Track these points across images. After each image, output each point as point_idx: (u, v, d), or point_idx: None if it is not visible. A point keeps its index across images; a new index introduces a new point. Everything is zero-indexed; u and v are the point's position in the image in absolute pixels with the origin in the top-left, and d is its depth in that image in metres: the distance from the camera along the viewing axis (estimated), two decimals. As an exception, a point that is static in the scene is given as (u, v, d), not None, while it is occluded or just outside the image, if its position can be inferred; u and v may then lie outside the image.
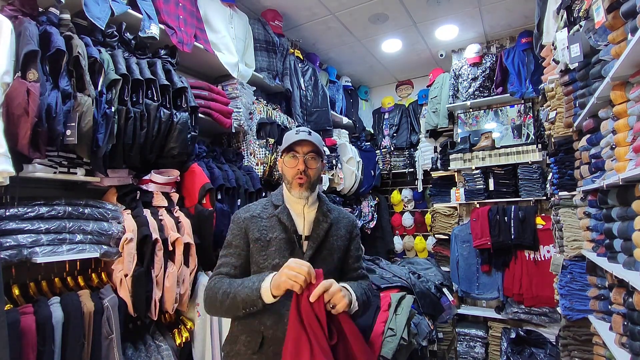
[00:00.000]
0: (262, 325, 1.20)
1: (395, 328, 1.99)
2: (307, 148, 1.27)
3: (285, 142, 1.29)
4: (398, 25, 3.40)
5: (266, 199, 1.39)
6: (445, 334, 3.59)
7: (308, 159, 1.28)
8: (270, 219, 1.29)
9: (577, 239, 2.31)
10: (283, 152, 1.31)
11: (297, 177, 1.26)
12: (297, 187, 1.27)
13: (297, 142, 1.26)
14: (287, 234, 1.27)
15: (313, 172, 1.29)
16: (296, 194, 1.28)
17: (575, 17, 1.99)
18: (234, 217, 1.33)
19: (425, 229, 4.34)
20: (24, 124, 1.33)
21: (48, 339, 1.35)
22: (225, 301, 1.15)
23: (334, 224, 1.35)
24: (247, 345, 1.21)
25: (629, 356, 1.49)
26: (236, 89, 2.51)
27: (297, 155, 1.27)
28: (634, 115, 1.39)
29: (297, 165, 1.26)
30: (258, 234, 1.26)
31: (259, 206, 1.34)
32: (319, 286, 1.06)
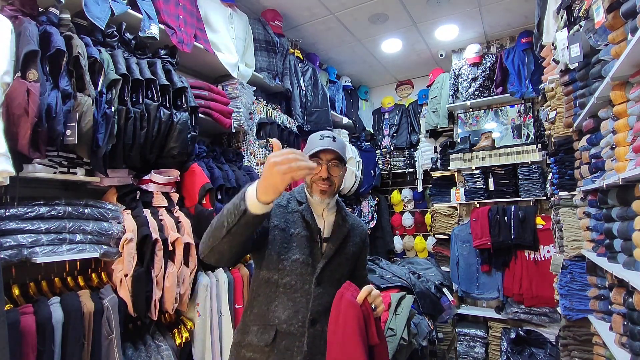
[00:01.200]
0: (276, 318, 1.19)
1: (395, 328, 1.99)
2: (330, 155, 1.24)
3: (309, 147, 1.25)
4: (398, 25, 3.40)
5: (288, 193, 1.35)
6: (445, 334, 3.59)
7: (331, 166, 1.24)
8: (293, 213, 1.27)
9: (577, 239, 2.31)
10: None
11: (320, 184, 1.24)
12: (319, 194, 1.24)
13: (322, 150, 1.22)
14: (308, 232, 1.25)
15: (336, 179, 1.27)
16: (317, 199, 1.25)
17: (575, 17, 1.99)
18: None
19: (425, 229, 4.34)
20: (24, 124, 1.33)
21: (48, 339, 1.35)
22: (213, 223, 1.07)
23: (351, 230, 1.34)
24: (259, 337, 1.19)
25: (629, 356, 1.49)
26: (236, 89, 2.51)
27: (321, 162, 1.23)
28: (634, 115, 1.39)
29: (320, 172, 1.23)
30: (284, 224, 1.23)
31: (283, 198, 1.30)
32: (363, 290, 1.12)
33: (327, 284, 1.23)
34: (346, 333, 1.06)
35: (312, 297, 1.21)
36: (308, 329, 1.18)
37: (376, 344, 1.11)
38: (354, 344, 1.04)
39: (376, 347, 1.12)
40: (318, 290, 1.22)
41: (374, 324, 1.12)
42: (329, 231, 1.29)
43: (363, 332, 1.07)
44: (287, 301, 1.19)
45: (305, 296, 1.20)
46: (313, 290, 1.21)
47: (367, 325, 1.10)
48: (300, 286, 1.20)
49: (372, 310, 1.13)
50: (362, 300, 1.10)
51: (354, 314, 1.08)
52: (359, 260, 1.39)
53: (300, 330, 1.18)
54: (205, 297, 1.93)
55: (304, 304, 1.20)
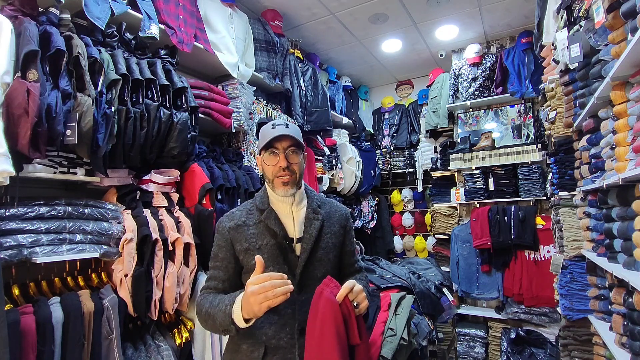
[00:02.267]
0: (263, 335, 1.15)
1: (395, 328, 1.99)
2: (286, 142, 1.18)
3: (263, 138, 1.20)
4: (398, 25, 3.40)
5: (250, 201, 1.29)
6: (445, 334, 3.59)
7: (289, 154, 1.19)
8: (257, 225, 1.21)
9: (577, 239, 2.31)
10: (261, 150, 1.20)
11: (281, 175, 1.18)
12: (281, 186, 1.18)
13: (276, 138, 1.17)
14: (277, 240, 1.18)
15: (297, 167, 1.20)
16: (281, 192, 1.19)
17: (575, 17, 1.99)
18: (218, 227, 1.24)
19: (425, 229, 4.34)
20: (24, 124, 1.33)
21: (48, 339, 1.35)
22: (207, 321, 1.13)
23: (326, 220, 1.26)
24: (249, 356, 1.15)
25: (629, 356, 1.49)
26: (236, 89, 2.51)
27: (277, 151, 1.18)
28: (634, 115, 1.39)
29: (279, 162, 1.17)
30: (246, 244, 1.18)
31: (243, 212, 1.25)
32: (343, 287, 1.06)
33: (311, 287, 1.14)
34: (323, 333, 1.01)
35: (298, 306, 1.16)
36: (297, 339, 1.14)
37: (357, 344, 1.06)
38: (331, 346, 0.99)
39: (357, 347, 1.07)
40: (302, 297, 1.16)
41: (355, 323, 1.06)
42: (301, 229, 1.21)
43: (342, 332, 1.02)
44: (272, 315, 1.14)
45: (290, 306, 1.15)
46: (297, 299, 1.15)
47: (347, 325, 1.04)
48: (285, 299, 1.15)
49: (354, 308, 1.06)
50: (342, 298, 1.04)
51: (332, 313, 1.02)
52: (342, 250, 1.31)
53: (289, 342, 1.14)
54: (205, 297, 1.93)
55: (290, 315, 1.16)
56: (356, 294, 1.07)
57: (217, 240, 1.24)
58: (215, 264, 1.23)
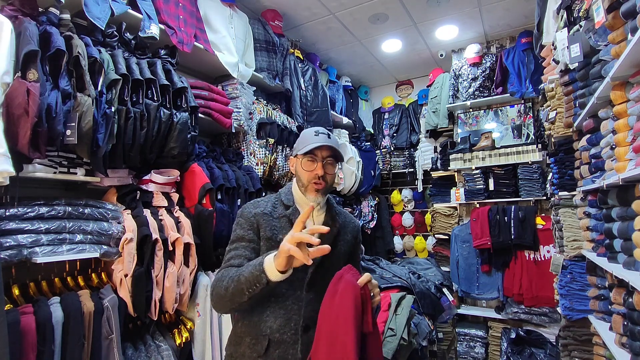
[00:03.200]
0: (268, 328, 1.16)
1: (395, 328, 1.99)
2: (326, 152, 1.22)
3: (304, 143, 1.23)
4: (398, 25, 3.40)
5: (274, 196, 1.33)
6: (445, 334, 3.59)
7: (327, 164, 1.22)
8: (280, 219, 1.24)
9: (577, 239, 2.31)
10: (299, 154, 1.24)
11: (315, 182, 1.21)
12: (314, 192, 1.22)
13: (318, 147, 1.20)
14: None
15: (330, 177, 1.25)
16: (311, 198, 1.23)
17: (575, 17, 1.99)
18: (244, 212, 1.26)
19: (425, 229, 4.34)
20: (24, 124, 1.33)
21: (48, 339, 1.35)
22: (230, 286, 1.07)
23: (341, 229, 1.32)
24: (252, 348, 1.17)
25: (629, 356, 1.49)
26: (236, 89, 2.51)
27: (316, 159, 1.21)
28: (634, 115, 1.39)
29: (316, 169, 1.21)
30: (270, 232, 1.21)
31: (268, 204, 1.28)
32: (365, 275, 1.10)
33: (319, 288, 1.18)
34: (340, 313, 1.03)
35: (304, 303, 1.19)
36: (301, 336, 1.17)
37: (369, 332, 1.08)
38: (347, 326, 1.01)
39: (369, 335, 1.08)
40: (310, 295, 1.20)
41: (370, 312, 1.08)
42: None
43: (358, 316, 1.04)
44: (278, 310, 1.17)
45: (297, 303, 1.18)
46: (305, 297, 1.19)
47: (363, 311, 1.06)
48: (292, 293, 1.19)
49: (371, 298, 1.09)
50: (363, 283, 1.07)
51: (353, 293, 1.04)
52: (352, 258, 1.36)
53: (293, 337, 1.16)
54: (205, 297, 1.93)
55: (296, 311, 1.18)
56: (374, 286, 1.12)
57: (241, 225, 1.24)
58: (241, 244, 1.21)
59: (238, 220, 1.26)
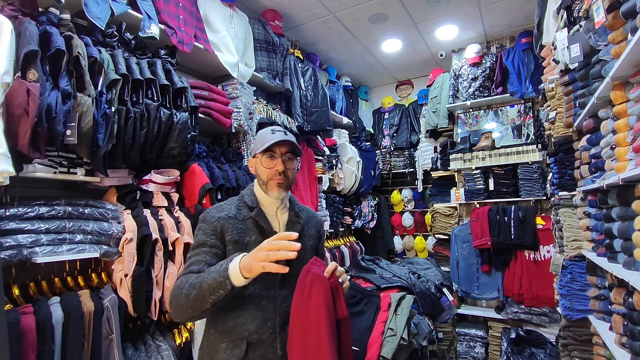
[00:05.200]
0: (245, 331, 1.16)
1: (395, 328, 1.99)
2: (284, 148, 1.25)
3: (261, 142, 1.25)
4: (398, 25, 3.40)
5: (236, 198, 1.33)
6: (445, 334, 3.59)
7: (286, 160, 1.25)
8: (245, 221, 1.25)
9: (577, 239, 2.31)
10: (257, 152, 1.26)
11: (276, 178, 1.24)
12: (276, 188, 1.24)
13: (276, 143, 1.23)
14: (263, 237, 1.19)
15: (291, 172, 1.27)
16: (274, 195, 1.25)
17: (575, 17, 1.99)
18: (207, 216, 1.24)
19: (425, 229, 4.34)
20: (24, 124, 1.33)
21: (48, 339, 1.35)
22: (191, 294, 1.05)
23: (305, 224, 1.35)
24: (229, 354, 1.16)
25: (629, 356, 1.49)
26: (236, 89, 2.51)
27: (275, 155, 1.24)
28: (634, 115, 1.39)
29: (276, 165, 1.23)
30: (237, 236, 1.21)
31: (232, 206, 1.27)
32: (330, 264, 1.14)
33: (291, 284, 1.20)
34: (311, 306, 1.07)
35: (279, 301, 1.21)
36: (279, 333, 1.18)
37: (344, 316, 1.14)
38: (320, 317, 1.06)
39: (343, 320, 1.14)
40: (283, 292, 1.21)
41: (342, 297, 1.14)
42: (282, 230, 1.29)
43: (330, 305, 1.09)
44: (254, 311, 1.18)
45: (272, 301, 1.20)
46: (279, 294, 1.21)
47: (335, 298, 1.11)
48: (266, 293, 1.20)
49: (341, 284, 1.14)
50: (329, 273, 1.12)
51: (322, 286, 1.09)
52: (317, 252, 1.40)
53: (272, 336, 1.18)
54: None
55: (272, 309, 1.20)
56: (341, 273, 1.16)
57: (203, 230, 1.22)
58: (202, 249, 1.19)
59: (200, 226, 1.24)
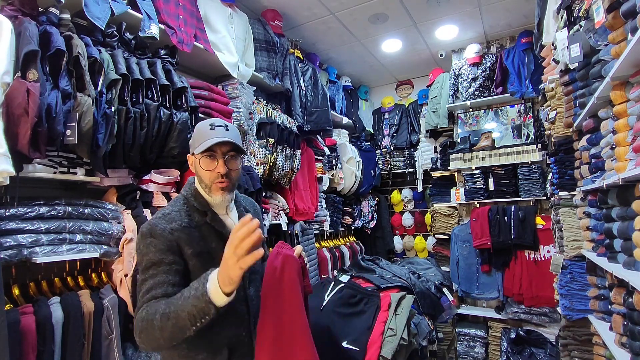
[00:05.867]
0: (225, 338, 1.12)
1: (395, 328, 1.99)
2: (226, 147, 1.11)
3: (199, 138, 1.11)
4: (398, 25, 3.40)
5: (179, 202, 1.17)
6: (445, 334, 3.59)
7: (228, 160, 1.12)
8: (200, 228, 1.13)
9: (577, 239, 2.31)
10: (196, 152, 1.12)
11: (218, 182, 1.12)
12: (219, 192, 1.13)
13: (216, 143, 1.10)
14: (223, 241, 1.03)
15: (235, 173, 1.16)
16: (218, 199, 1.14)
17: (575, 17, 1.99)
18: (154, 230, 1.06)
19: (425, 229, 4.34)
20: (24, 124, 1.33)
21: (48, 339, 1.35)
22: (166, 326, 0.93)
23: (249, 212, 1.29)
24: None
25: (629, 356, 1.49)
26: (236, 89, 2.51)
27: (216, 155, 1.11)
28: (634, 115, 1.39)
29: (217, 168, 1.11)
30: (198, 247, 1.10)
31: (181, 214, 1.13)
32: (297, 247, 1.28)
33: (256, 281, 1.22)
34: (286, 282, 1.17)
35: (249, 301, 1.19)
36: (253, 332, 1.17)
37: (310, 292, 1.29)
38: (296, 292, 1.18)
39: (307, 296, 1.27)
40: (250, 291, 1.20)
41: (307, 275, 1.29)
42: None
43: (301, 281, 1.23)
44: (229, 317, 1.10)
45: (243, 303, 1.17)
46: (247, 294, 1.19)
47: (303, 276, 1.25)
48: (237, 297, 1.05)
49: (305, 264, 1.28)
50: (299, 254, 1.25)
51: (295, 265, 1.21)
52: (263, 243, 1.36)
53: (248, 336, 1.17)
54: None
55: (245, 310, 1.18)
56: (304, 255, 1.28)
57: (154, 246, 1.05)
58: (159, 269, 1.03)
59: (149, 241, 1.05)
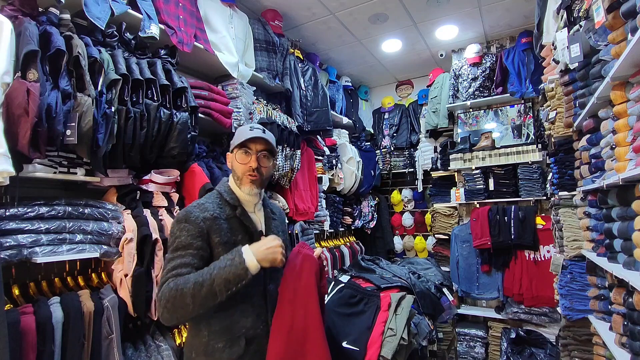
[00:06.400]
0: (242, 328, 1.21)
1: (395, 328, 1.99)
2: (260, 146, 1.27)
3: (238, 137, 1.27)
4: (398, 25, 3.40)
5: (214, 195, 1.30)
6: (445, 334, 3.59)
7: (261, 157, 1.28)
8: (229, 220, 1.25)
9: (577, 239, 2.31)
10: (235, 148, 1.28)
11: (249, 174, 1.26)
12: (248, 184, 1.26)
13: (251, 139, 1.25)
14: (249, 235, 1.27)
15: (265, 170, 1.29)
16: (246, 190, 1.27)
17: (575, 17, 1.99)
18: (189, 217, 1.18)
19: (425, 229, 4.34)
20: (24, 124, 1.33)
21: (48, 339, 1.35)
22: (199, 293, 1.04)
23: (278, 220, 1.43)
24: (229, 351, 1.18)
25: (629, 356, 1.49)
26: (236, 89, 2.51)
27: (250, 152, 1.26)
28: (634, 115, 1.39)
29: (250, 162, 1.25)
30: (225, 237, 1.21)
31: (214, 205, 1.25)
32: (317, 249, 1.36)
33: (275, 279, 1.30)
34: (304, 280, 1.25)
35: (267, 296, 1.27)
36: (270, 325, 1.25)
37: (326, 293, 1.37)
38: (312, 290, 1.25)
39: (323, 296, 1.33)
40: (270, 287, 1.29)
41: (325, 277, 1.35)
42: (263, 228, 1.35)
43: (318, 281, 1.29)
44: (247, 308, 1.23)
45: (262, 297, 1.27)
46: (267, 290, 1.28)
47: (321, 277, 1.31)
48: (256, 290, 1.25)
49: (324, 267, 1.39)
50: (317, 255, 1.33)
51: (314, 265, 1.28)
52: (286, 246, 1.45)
53: (265, 329, 1.24)
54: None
55: (263, 304, 1.26)
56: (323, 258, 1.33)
57: (187, 230, 1.17)
58: (188, 251, 1.15)
59: (183, 226, 1.17)
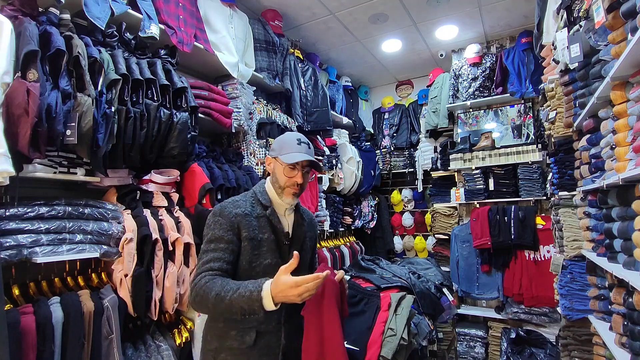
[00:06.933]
0: (255, 321, 1.25)
1: (395, 328, 1.99)
2: (306, 162, 1.32)
3: (287, 149, 1.30)
4: (398, 25, 3.40)
5: (249, 194, 1.38)
6: (445, 334, 3.59)
7: (305, 173, 1.33)
8: (259, 218, 1.31)
9: (577, 239, 2.31)
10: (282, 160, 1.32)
11: (293, 187, 1.31)
12: (290, 196, 1.33)
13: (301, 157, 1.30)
14: (276, 236, 1.32)
15: (305, 183, 1.36)
16: (288, 201, 1.33)
17: (575, 17, 1.99)
18: (223, 211, 1.27)
19: (425, 229, 4.34)
20: (24, 124, 1.33)
21: (48, 339, 1.35)
22: (218, 305, 1.11)
23: (307, 225, 1.45)
24: (239, 340, 1.25)
25: (629, 356, 1.49)
26: (236, 89, 2.51)
27: (297, 167, 1.31)
28: (634, 115, 1.39)
29: (296, 177, 1.30)
30: (252, 233, 1.27)
31: (247, 203, 1.32)
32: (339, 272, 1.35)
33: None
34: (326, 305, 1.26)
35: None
36: (284, 324, 1.29)
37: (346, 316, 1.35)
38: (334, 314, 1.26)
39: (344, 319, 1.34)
40: None
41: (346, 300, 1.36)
42: (291, 231, 1.39)
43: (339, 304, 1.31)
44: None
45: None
46: None
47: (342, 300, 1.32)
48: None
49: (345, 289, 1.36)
50: (339, 279, 1.33)
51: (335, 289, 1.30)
52: (314, 251, 1.54)
53: (277, 327, 1.28)
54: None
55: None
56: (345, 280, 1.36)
57: (220, 224, 1.25)
58: (220, 245, 1.23)
59: (217, 220, 1.26)
